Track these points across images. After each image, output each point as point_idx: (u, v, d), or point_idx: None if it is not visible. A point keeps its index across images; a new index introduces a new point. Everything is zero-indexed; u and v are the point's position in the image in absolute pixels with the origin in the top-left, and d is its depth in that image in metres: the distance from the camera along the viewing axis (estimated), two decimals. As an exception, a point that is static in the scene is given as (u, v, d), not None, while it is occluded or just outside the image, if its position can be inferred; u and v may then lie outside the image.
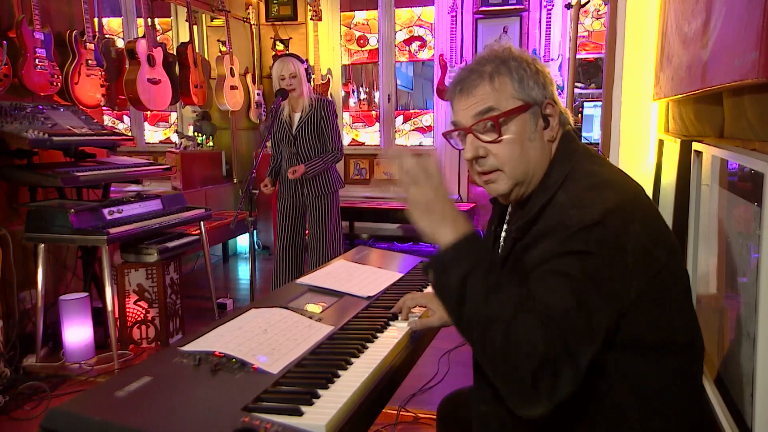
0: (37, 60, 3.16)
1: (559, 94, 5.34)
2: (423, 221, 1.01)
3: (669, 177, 1.84)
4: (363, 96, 6.38)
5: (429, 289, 1.74)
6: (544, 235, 1.03)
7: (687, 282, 1.12)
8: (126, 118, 6.53)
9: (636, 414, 1.04)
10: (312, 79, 3.49)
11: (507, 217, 1.27)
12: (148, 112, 6.28)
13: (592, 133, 4.56)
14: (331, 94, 5.67)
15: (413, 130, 5.97)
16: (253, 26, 5.80)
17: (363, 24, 5.94)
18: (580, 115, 4.59)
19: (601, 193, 1.03)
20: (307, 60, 5.61)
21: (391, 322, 1.45)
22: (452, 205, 1.02)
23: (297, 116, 3.44)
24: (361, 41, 5.95)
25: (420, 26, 5.81)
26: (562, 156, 1.14)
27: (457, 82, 1.14)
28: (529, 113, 1.11)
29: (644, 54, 2.19)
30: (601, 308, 0.95)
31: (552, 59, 5.01)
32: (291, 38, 5.90)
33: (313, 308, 1.51)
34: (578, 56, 4.98)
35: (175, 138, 5.86)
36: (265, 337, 1.26)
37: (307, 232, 3.62)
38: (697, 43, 1.39)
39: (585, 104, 4.60)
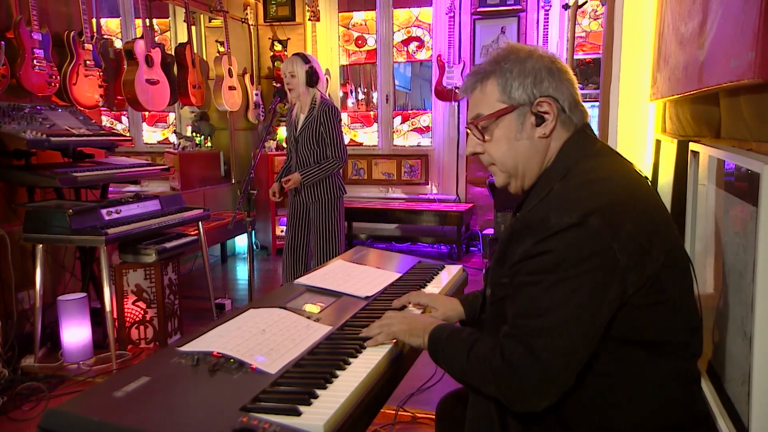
0: (35, 60, 3.16)
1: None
2: (412, 339, 1.26)
3: (666, 177, 1.84)
4: (361, 96, 6.38)
5: (428, 289, 1.75)
6: (528, 229, 1.07)
7: (689, 283, 1.12)
8: (124, 119, 6.53)
9: (627, 407, 1.06)
10: (317, 81, 3.40)
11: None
12: (147, 113, 6.27)
13: (590, 134, 4.56)
14: (329, 95, 5.67)
15: (411, 130, 5.98)
16: (251, 27, 5.81)
17: (361, 24, 5.95)
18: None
19: (590, 191, 1.05)
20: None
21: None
22: (414, 317, 1.36)
23: (302, 118, 3.44)
24: (359, 42, 5.95)
25: (418, 27, 5.82)
26: (568, 151, 1.16)
27: (463, 84, 1.26)
28: (515, 114, 1.16)
29: (641, 54, 2.20)
30: (579, 308, 0.98)
31: (550, 59, 5.01)
32: (289, 39, 5.91)
33: (312, 308, 1.51)
34: (576, 57, 4.98)
35: (173, 138, 5.86)
36: (264, 338, 1.26)
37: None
38: (693, 44, 1.40)
39: (583, 104, 4.60)
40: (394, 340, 1.29)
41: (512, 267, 1.08)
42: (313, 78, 3.36)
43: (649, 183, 1.19)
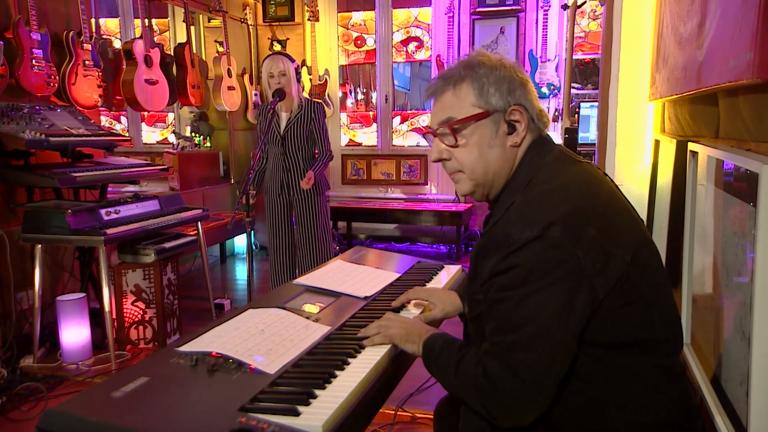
0: (33, 60, 3.15)
1: (556, 94, 5.33)
2: (407, 345, 1.26)
3: (665, 177, 1.85)
4: (360, 96, 6.38)
5: (429, 285, 1.76)
6: (493, 245, 1.08)
7: (663, 277, 1.13)
8: (123, 119, 6.52)
9: (617, 409, 1.06)
10: (301, 80, 3.46)
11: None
12: (146, 113, 6.27)
13: (589, 134, 4.56)
14: (328, 95, 5.68)
15: (410, 130, 5.97)
16: (250, 27, 5.80)
17: (360, 24, 5.95)
18: (576, 115, 4.60)
19: (550, 201, 1.06)
20: (304, 61, 5.63)
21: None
22: (412, 323, 1.33)
23: (285, 116, 3.44)
24: (359, 42, 5.95)
25: (417, 27, 5.82)
26: (530, 160, 1.17)
27: (428, 88, 1.23)
28: (489, 120, 1.15)
29: (640, 55, 2.20)
30: (553, 319, 0.99)
31: (549, 60, 5.02)
32: (288, 39, 5.90)
33: (311, 308, 1.51)
34: (575, 57, 4.99)
35: (172, 138, 5.85)
36: (262, 338, 1.26)
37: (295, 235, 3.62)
38: (692, 44, 1.40)
39: (582, 105, 4.61)
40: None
41: (483, 284, 1.09)
42: (299, 75, 3.44)
43: (613, 183, 1.20)
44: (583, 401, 1.06)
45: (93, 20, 3.69)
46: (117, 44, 4.84)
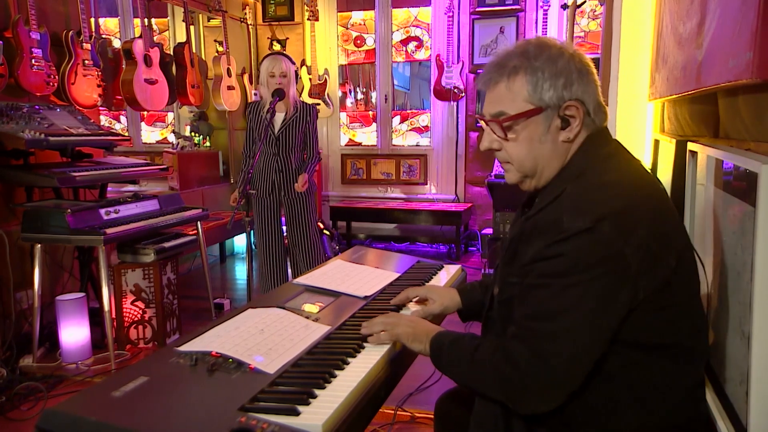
0: (33, 60, 3.15)
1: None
2: (414, 345, 1.25)
3: (664, 177, 1.84)
4: (360, 96, 6.38)
5: (429, 283, 1.76)
6: (540, 230, 1.06)
7: (697, 286, 1.12)
8: (123, 118, 6.52)
9: (631, 410, 1.06)
10: (297, 82, 3.50)
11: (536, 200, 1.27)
12: (145, 112, 6.27)
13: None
14: (328, 95, 5.68)
15: (410, 130, 5.97)
16: (250, 26, 5.80)
17: (360, 24, 5.94)
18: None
19: (604, 195, 1.04)
20: (303, 60, 5.63)
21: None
22: (419, 322, 1.32)
23: (280, 117, 3.45)
24: (358, 41, 5.95)
25: (417, 26, 5.81)
26: (585, 152, 1.14)
27: (483, 74, 1.18)
28: (542, 116, 1.12)
29: (640, 54, 2.20)
30: (587, 314, 0.98)
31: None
32: (288, 38, 5.90)
33: (310, 308, 1.51)
34: (575, 56, 4.98)
35: (172, 138, 5.85)
36: (262, 337, 1.26)
37: (285, 238, 3.63)
38: (691, 44, 1.40)
39: (581, 104, 4.61)
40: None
41: (522, 267, 1.08)
42: (297, 77, 3.45)
43: (661, 184, 1.18)
44: (600, 399, 1.06)
45: (92, 20, 3.69)
46: (116, 44, 4.84)
